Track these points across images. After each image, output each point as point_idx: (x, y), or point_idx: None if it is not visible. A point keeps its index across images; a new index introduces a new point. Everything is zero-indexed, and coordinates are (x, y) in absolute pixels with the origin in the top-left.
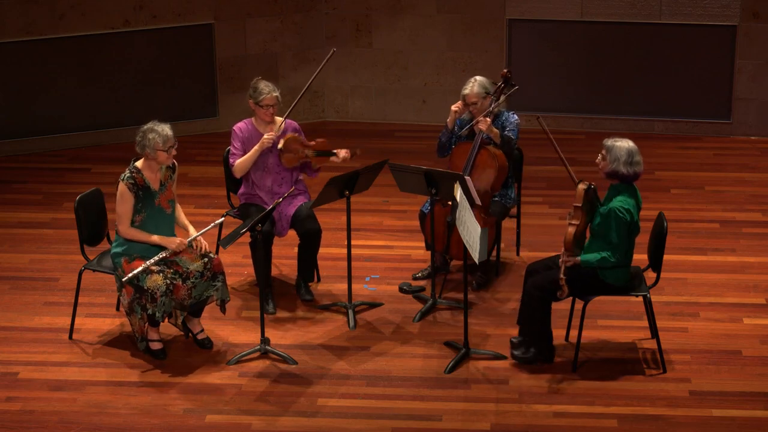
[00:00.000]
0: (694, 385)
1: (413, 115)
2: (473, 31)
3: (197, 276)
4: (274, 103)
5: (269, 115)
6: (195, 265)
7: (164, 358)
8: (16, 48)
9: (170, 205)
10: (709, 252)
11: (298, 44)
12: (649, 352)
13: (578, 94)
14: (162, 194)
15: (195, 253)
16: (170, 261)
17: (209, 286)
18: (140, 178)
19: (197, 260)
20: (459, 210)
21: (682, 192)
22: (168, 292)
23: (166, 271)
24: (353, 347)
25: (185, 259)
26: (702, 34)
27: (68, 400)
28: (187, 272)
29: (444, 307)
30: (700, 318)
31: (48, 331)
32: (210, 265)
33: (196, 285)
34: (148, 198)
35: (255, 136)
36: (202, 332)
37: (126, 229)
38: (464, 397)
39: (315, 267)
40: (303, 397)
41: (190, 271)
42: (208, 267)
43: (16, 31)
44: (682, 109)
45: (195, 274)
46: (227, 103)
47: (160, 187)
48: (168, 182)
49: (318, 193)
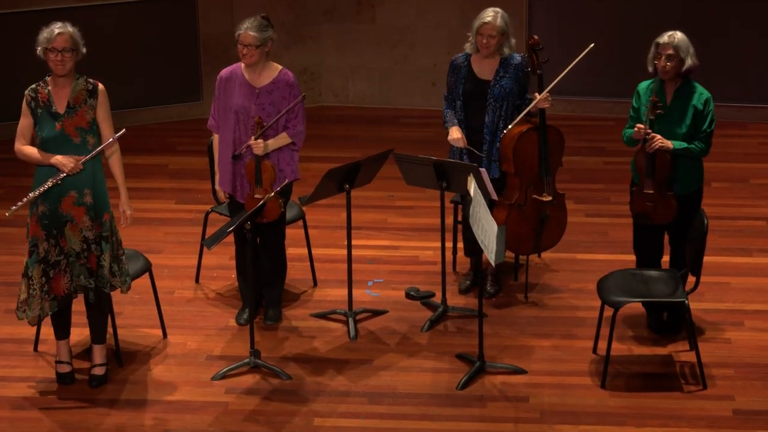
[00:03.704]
0: (738, 404)
1: (421, 99)
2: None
3: (73, 254)
4: (250, 42)
5: (246, 58)
6: (74, 243)
7: (70, 384)
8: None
9: (79, 134)
10: (755, 253)
11: (292, 20)
12: (687, 366)
13: (607, 76)
14: (68, 119)
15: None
16: (56, 233)
17: (88, 273)
18: (44, 93)
19: (79, 239)
20: (473, 205)
21: (724, 186)
22: (38, 297)
23: (49, 253)
24: (354, 360)
25: (69, 234)
26: (746, 7)
27: (33, 419)
28: (70, 251)
29: (455, 315)
30: (744, 327)
31: (10, 342)
32: (87, 254)
33: (71, 277)
34: (47, 119)
35: (237, 84)
36: (97, 367)
37: (19, 146)
38: (479, 417)
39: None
40: (297, 417)
41: (71, 248)
42: (84, 254)
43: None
44: (725, 92)
45: (74, 248)
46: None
47: (67, 109)
48: (81, 106)
49: (314, 187)
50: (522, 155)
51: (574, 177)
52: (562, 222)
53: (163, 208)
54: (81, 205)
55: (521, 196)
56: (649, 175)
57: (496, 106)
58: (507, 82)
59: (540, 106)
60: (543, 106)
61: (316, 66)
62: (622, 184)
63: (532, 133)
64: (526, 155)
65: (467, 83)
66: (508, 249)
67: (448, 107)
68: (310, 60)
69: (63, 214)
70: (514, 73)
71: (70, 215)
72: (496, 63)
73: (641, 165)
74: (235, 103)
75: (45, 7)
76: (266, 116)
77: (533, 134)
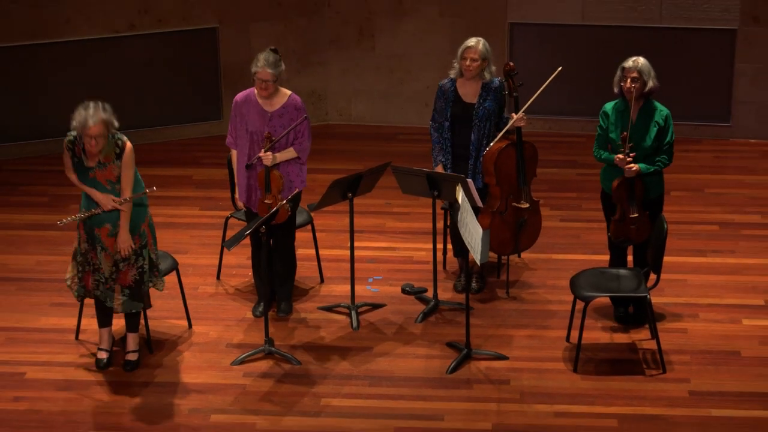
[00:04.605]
0: (693, 386)
1: (416, 118)
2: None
3: (102, 277)
4: (267, 78)
5: (263, 91)
6: (104, 264)
7: (103, 368)
8: (23, 51)
9: (109, 184)
10: (709, 254)
11: (301, 48)
12: (649, 353)
13: (579, 97)
14: (99, 171)
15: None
16: (90, 247)
17: (113, 297)
18: (79, 149)
19: (109, 261)
20: (461, 212)
21: (682, 194)
22: (78, 279)
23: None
24: (356, 348)
25: (103, 259)
26: (702, 38)
27: (74, 399)
28: (99, 266)
29: (446, 308)
30: (699, 319)
31: (54, 332)
32: (116, 275)
33: (99, 285)
34: (81, 167)
35: (252, 109)
36: (131, 353)
37: (67, 174)
38: (466, 397)
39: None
40: (307, 397)
41: (101, 268)
42: (114, 276)
43: (23, 35)
44: (682, 112)
45: (104, 272)
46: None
47: (98, 164)
48: (110, 164)
49: (321, 195)
50: (502, 169)
51: (550, 187)
52: (538, 225)
53: (188, 214)
54: (113, 236)
55: (502, 204)
56: (631, 201)
57: (481, 126)
58: (489, 103)
59: (516, 124)
60: (519, 125)
61: (323, 89)
62: (592, 193)
63: (510, 149)
64: (505, 169)
65: (455, 106)
66: (492, 250)
67: (435, 131)
68: (317, 83)
69: (99, 239)
70: (494, 96)
71: (104, 245)
72: (479, 87)
73: (623, 195)
74: (250, 125)
75: (82, 37)
76: (276, 135)
77: (511, 150)
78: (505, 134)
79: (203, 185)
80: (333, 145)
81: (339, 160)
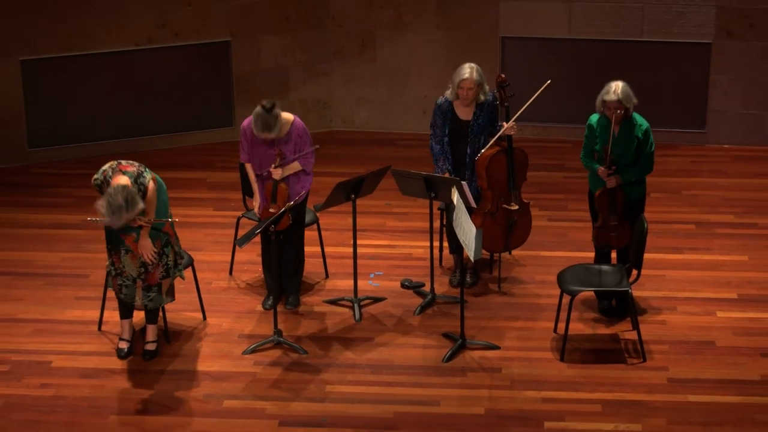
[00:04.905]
0: (671, 373)
1: (414, 124)
2: (470, 47)
3: (130, 279)
4: (271, 138)
5: (268, 140)
6: (130, 269)
7: (124, 358)
8: (50, 63)
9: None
10: (686, 251)
11: (307, 59)
12: (630, 343)
13: (566, 106)
14: (123, 234)
15: (137, 257)
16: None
17: (143, 295)
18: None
19: (135, 265)
20: (456, 212)
21: (661, 196)
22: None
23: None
24: (359, 338)
25: (128, 261)
26: (679, 51)
27: (97, 386)
28: (122, 270)
29: (442, 301)
30: (677, 312)
31: (79, 324)
32: (145, 276)
33: (127, 286)
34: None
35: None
36: (150, 344)
37: None
38: (460, 384)
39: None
40: (313, 384)
41: (125, 272)
42: (142, 276)
43: (50, 48)
44: (661, 119)
45: (129, 276)
46: (243, 114)
47: (124, 228)
48: (132, 232)
49: (326, 197)
50: (492, 174)
51: (539, 189)
52: (528, 226)
53: (203, 214)
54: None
55: (493, 205)
56: (612, 210)
57: (475, 140)
58: (483, 119)
59: (507, 133)
60: (509, 133)
61: (328, 97)
62: (578, 194)
63: (500, 155)
64: (495, 174)
65: (452, 124)
66: (484, 248)
67: (436, 144)
68: (322, 92)
69: (124, 243)
70: (487, 111)
71: (130, 248)
72: (474, 106)
73: (604, 204)
74: (259, 150)
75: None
76: (284, 158)
77: (502, 156)
78: (497, 141)
79: (217, 187)
80: (337, 150)
81: (342, 164)
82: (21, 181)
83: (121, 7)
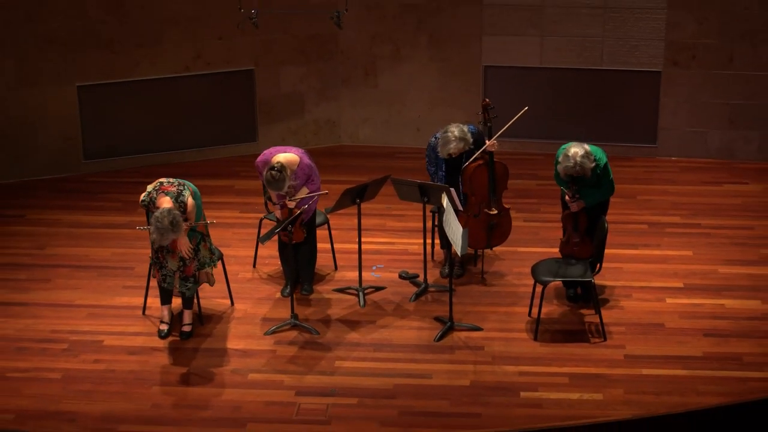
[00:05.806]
0: (628, 351)
1: (410, 140)
2: (457, 75)
3: (171, 271)
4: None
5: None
6: (171, 263)
7: (164, 338)
8: (102, 89)
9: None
10: (640, 247)
11: (320, 85)
12: (593, 325)
13: (539, 124)
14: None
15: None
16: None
17: (180, 284)
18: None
19: (175, 260)
20: (446, 214)
21: (619, 200)
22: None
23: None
24: (363, 321)
25: (168, 257)
26: (634, 78)
27: (141, 362)
28: (166, 264)
29: (434, 290)
30: (632, 298)
31: (126, 309)
32: (183, 268)
33: (170, 276)
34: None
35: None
36: (186, 326)
37: None
38: (449, 360)
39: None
40: (324, 360)
41: (167, 266)
42: (180, 268)
43: (102, 76)
44: (619, 135)
45: (170, 269)
46: (264, 132)
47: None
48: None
49: (335, 201)
50: (475, 183)
51: (516, 194)
52: (508, 227)
53: (230, 216)
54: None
55: (476, 209)
56: (575, 229)
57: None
58: (471, 153)
59: (489, 149)
60: (491, 150)
61: (337, 117)
62: (550, 199)
63: (482, 168)
64: (477, 183)
65: (447, 162)
66: (469, 245)
67: (433, 174)
68: (332, 113)
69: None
70: (474, 145)
71: (170, 248)
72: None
73: (569, 225)
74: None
75: (148, 77)
76: (295, 190)
77: (483, 169)
78: (480, 154)
79: (242, 193)
80: (344, 161)
81: (349, 174)
82: (77, 188)
83: (163, 41)
